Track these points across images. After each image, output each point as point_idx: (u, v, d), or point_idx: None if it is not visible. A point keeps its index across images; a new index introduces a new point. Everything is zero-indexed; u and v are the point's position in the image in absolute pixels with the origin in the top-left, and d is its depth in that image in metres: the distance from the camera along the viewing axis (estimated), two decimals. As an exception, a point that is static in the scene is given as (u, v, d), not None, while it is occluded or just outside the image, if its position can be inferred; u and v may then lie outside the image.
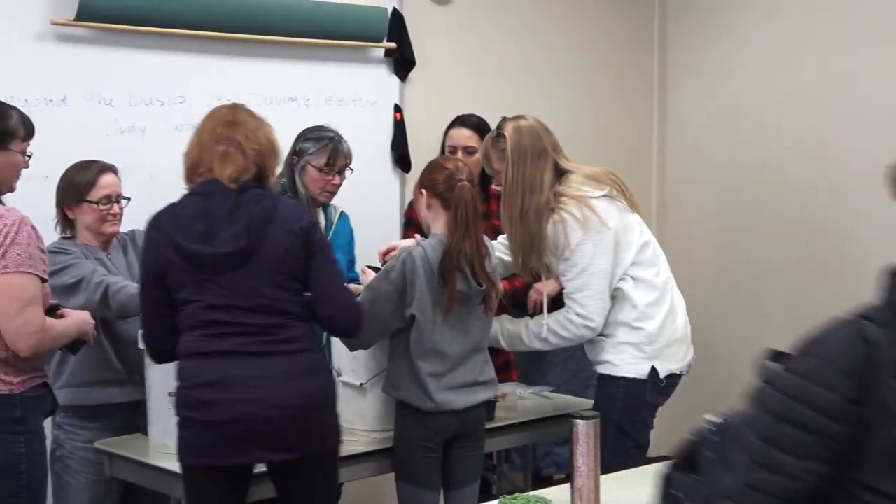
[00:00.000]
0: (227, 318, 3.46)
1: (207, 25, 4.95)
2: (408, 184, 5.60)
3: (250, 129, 3.58)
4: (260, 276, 3.47)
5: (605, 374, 4.24)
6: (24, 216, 3.47)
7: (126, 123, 4.81)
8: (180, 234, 3.47)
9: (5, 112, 3.61)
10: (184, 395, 3.51)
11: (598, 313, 4.16)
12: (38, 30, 4.58)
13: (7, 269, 3.38)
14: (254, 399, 3.44)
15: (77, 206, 4.18)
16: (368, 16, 5.47)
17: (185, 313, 3.51)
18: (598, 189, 4.18)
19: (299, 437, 3.51)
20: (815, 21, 6.13)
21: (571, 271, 4.14)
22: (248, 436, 3.45)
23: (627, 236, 4.20)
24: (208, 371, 3.46)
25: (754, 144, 6.43)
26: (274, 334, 3.49)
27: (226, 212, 3.48)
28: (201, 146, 3.57)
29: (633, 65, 6.80)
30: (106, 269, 4.19)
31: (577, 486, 3.04)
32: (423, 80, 5.78)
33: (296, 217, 3.57)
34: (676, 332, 4.25)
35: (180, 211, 3.53)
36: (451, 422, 3.98)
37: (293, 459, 3.52)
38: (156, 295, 3.54)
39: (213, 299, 3.46)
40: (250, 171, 3.53)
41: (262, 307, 3.48)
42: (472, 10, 6.04)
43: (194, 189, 3.56)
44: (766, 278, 6.39)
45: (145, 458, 3.94)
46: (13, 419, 3.44)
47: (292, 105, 5.23)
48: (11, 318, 3.39)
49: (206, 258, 3.45)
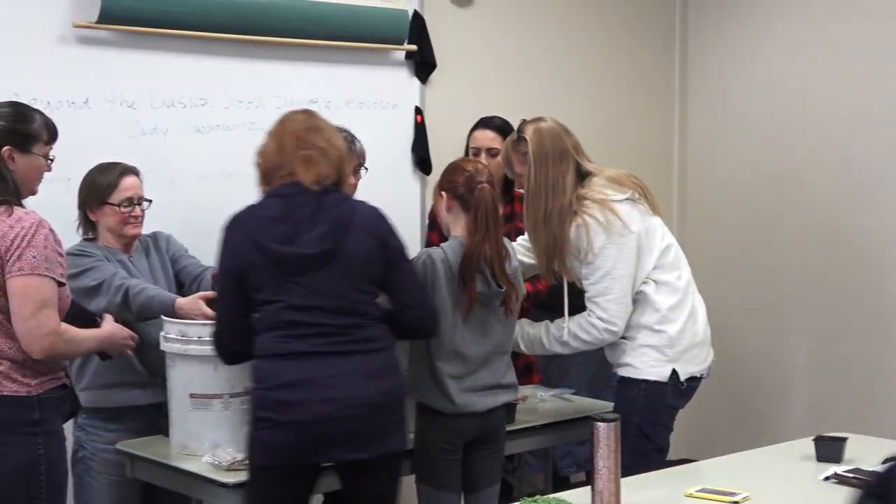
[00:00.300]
0: (308, 319, 3.50)
1: (229, 28, 4.96)
2: (428, 186, 5.60)
3: (330, 135, 3.67)
4: (341, 277, 3.53)
5: (626, 376, 4.23)
6: (42, 219, 3.49)
7: (148, 126, 4.82)
8: (262, 235, 3.51)
9: (29, 115, 3.62)
10: (262, 395, 3.52)
11: (620, 317, 4.15)
12: (60, 32, 4.59)
13: (22, 272, 3.39)
14: (332, 398, 3.48)
15: (99, 209, 4.20)
16: (389, 18, 5.47)
17: (264, 314, 3.54)
18: (620, 192, 4.17)
19: (375, 435, 3.55)
20: (840, 23, 6.11)
21: (594, 275, 4.14)
22: (326, 435, 3.48)
23: (649, 240, 4.19)
24: (288, 372, 3.49)
25: (776, 148, 6.40)
26: (351, 334, 3.54)
27: (308, 214, 3.54)
28: (282, 150, 3.62)
29: (655, 67, 6.79)
30: (127, 271, 4.20)
31: (597, 488, 3.04)
32: (444, 82, 5.77)
33: (375, 222, 3.65)
34: (697, 335, 4.24)
35: (261, 212, 3.58)
36: (472, 424, 3.98)
37: (368, 459, 3.54)
38: (234, 295, 3.57)
39: (294, 300, 3.50)
40: (332, 177, 3.61)
41: (341, 308, 3.53)
42: (493, 12, 6.03)
43: (274, 191, 3.60)
44: (786, 282, 6.36)
45: (166, 460, 3.95)
46: (31, 420, 3.46)
47: (313, 107, 5.20)
48: (25, 319, 3.41)
49: (290, 258, 3.50)
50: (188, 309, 4.04)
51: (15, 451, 3.43)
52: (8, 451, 3.42)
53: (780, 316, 6.38)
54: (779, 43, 6.42)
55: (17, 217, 3.45)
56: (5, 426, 3.43)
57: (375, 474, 3.62)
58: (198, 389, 3.92)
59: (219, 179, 5.00)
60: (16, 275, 3.39)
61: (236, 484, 3.66)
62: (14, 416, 3.44)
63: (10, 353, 3.45)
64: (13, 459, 3.43)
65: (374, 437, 3.55)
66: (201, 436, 3.91)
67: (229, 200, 4.92)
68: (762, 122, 6.48)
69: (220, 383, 3.91)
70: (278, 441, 3.48)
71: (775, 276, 6.41)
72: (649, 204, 4.25)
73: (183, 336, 3.94)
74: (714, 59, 6.74)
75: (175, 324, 3.98)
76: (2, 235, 3.41)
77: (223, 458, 3.77)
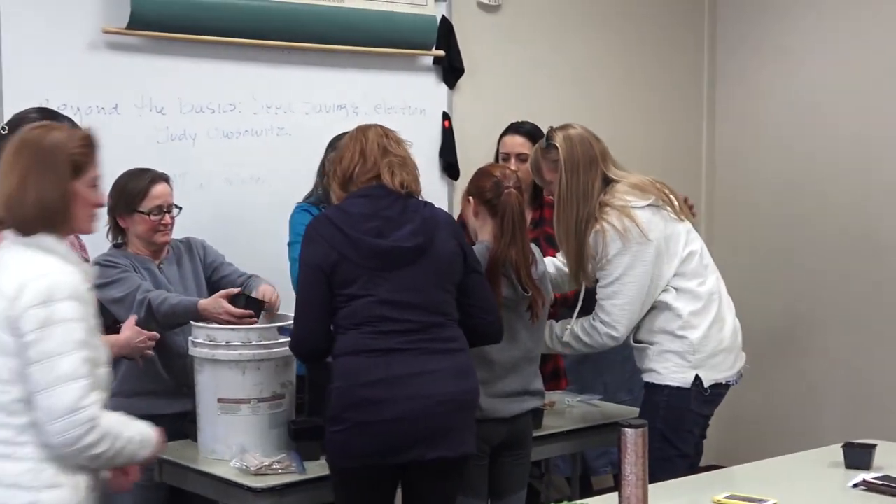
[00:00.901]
0: (396, 315, 3.53)
1: (257, 34, 4.98)
2: (456, 191, 5.60)
3: (406, 148, 3.77)
4: (429, 275, 3.59)
5: (650, 382, 4.23)
6: None
7: (177, 131, 4.84)
8: (355, 229, 3.56)
9: (57, 121, 3.63)
10: (347, 393, 3.52)
11: (623, 323, 4.15)
12: (90, 38, 4.62)
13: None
14: (419, 395, 3.51)
15: (129, 216, 4.20)
16: (417, 24, 5.48)
17: (349, 310, 3.56)
18: (642, 199, 4.16)
19: (455, 435, 3.58)
20: (869, 24, 6.09)
21: (605, 279, 4.15)
22: (412, 433, 3.50)
23: (670, 247, 4.18)
24: (375, 369, 3.51)
25: (805, 150, 6.39)
26: (435, 333, 3.58)
27: (396, 213, 3.62)
28: (365, 156, 3.68)
29: (683, 70, 6.78)
30: (155, 279, 4.21)
31: (625, 494, 3.03)
32: (472, 87, 5.78)
33: (456, 226, 3.77)
34: (723, 341, 4.22)
35: (349, 209, 3.63)
36: (499, 430, 3.97)
37: (447, 457, 3.56)
38: (319, 291, 3.58)
39: (384, 294, 3.52)
40: (412, 186, 3.70)
41: (427, 305, 3.58)
42: (521, 18, 6.03)
43: (358, 192, 3.66)
44: (815, 289, 6.34)
45: (194, 464, 3.95)
46: None
47: (341, 113, 5.25)
48: None
49: (385, 251, 3.55)
50: (211, 309, 4.04)
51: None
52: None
53: (808, 322, 6.35)
54: (807, 51, 6.40)
55: None
56: None
57: (448, 475, 3.64)
58: (226, 394, 3.93)
59: (247, 184, 5.03)
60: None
61: (264, 488, 3.67)
62: None
63: None
64: None
65: (454, 436, 3.58)
66: (229, 440, 3.92)
67: (257, 205, 4.99)
68: (790, 130, 6.46)
69: (248, 388, 3.92)
70: (364, 440, 3.49)
71: (804, 283, 6.39)
72: (674, 210, 4.23)
73: (211, 341, 3.94)
74: (742, 66, 6.72)
75: (203, 328, 3.99)
76: None
77: (251, 462, 3.78)
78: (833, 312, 6.26)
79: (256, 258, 4.64)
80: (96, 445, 2.81)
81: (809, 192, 6.36)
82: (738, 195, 6.74)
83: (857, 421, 5.91)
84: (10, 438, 2.80)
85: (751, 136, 6.68)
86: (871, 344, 6.09)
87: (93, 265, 4.08)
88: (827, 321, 6.28)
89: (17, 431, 2.80)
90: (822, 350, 6.30)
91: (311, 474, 3.76)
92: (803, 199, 6.40)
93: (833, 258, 6.27)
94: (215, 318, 4.03)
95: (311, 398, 4.10)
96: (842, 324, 6.24)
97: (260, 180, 5.04)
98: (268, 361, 3.93)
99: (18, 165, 2.86)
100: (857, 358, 6.16)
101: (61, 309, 2.78)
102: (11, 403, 2.79)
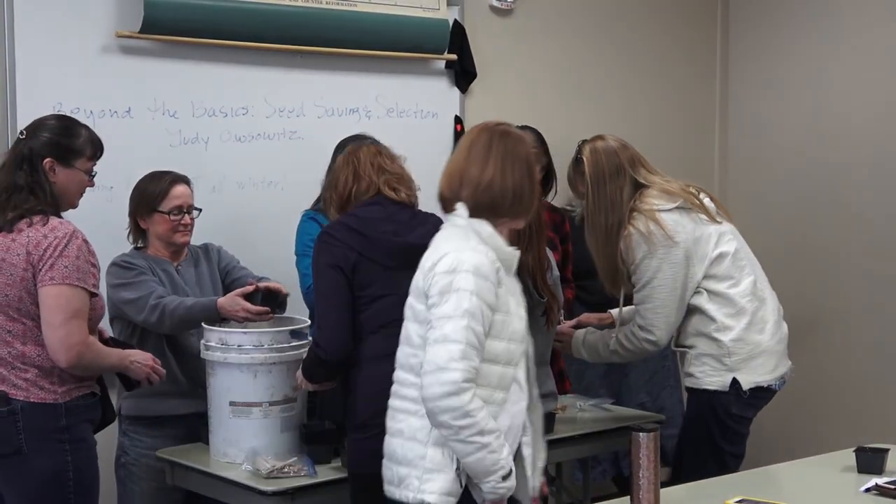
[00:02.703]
0: None
1: (269, 38, 4.98)
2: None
3: (401, 163, 3.84)
4: None
5: (689, 386, 4.24)
6: (76, 230, 3.52)
7: (189, 135, 4.85)
8: (371, 230, 3.60)
9: (74, 130, 3.65)
10: (374, 401, 3.41)
11: (659, 327, 4.14)
12: (103, 42, 4.63)
13: (54, 281, 3.43)
14: None
15: (149, 217, 4.24)
16: (429, 27, 5.48)
17: (372, 312, 3.58)
18: (669, 201, 4.16)
19: None
20: (883, 27, 6.08)
21: (637, 284, 4.16)
22: None
23: (699, 249, 4.17)
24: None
25: (818, 155, 6.37)
26: None
27: (407, 218, 3.68)
28: (359, 177, 3.73)
29: (695, 75, 6.77)
30: (172, 281, 4.24)
31: (637, 498, 3.03)
32: (484, 91, 5.78)
33: None
34: (760, 343, 4.19)
35: (363, 214, 3.66)
36: None
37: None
38: (342, 291, 3.58)
39: (405, 293, 3.44)
40: (413, 199, 3.78)
41: None
42: (534, 22, 6.03)
43: (368, 202, 3.70)
44: (828, 290, 6.33)
45: (206, 467, 3.96)
46: (58, 427, 3.50)
47: (353, 117, 5.25)
48: (55, 328, 3.44)
49: (405, 248, 3.56)
50: (228, 307, 4.08)
51: (43, 457, 3.47)
52: (36, 458, 3.47)
53: (822, 326, 6.34)
54: (820, 55, 6.39)
55: (51, 227, 3.48)
56: (33, 433, 3.47)
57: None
58: (237, 397, 3.94)
59: (259, 188, 5.03)
60: (48, 284, 3.43)
61: (275, 492, 3.68)
62: (41, 422, 3.48)
63: (38, 360, 3.49)
64: (41, 465, 3.47)
65: None
66: (241, 444, 3.93)
67: (270, 209, 5.00)
68: (803, 135, 6.44)
69: (260, 391, 3.93)
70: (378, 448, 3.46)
71: (818, 287, 6.37)
72: (706, 212, 4.23)
73: (223, 344, 3.96)
74: (755, 70, 6.71)
75: (215, 332, 4.00)
76: (35, 244, 3.45)
77: (262, 465, 3.78)
78: (847, 316, 6.24)
79: (268, 262, 4.65)
80: (452, 411, 2.95)
81: (823, 196, 6.35)
82: (750, 200, 6.71)
83: (873, 425, 5.89)
84: (418, 398, 3.04)
85: (763, 140, 6.67)
86: (886, 347, 6.08)
87: (109, 266, 4.12)
88: (841, 324, 6.27)
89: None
90: (836, 354, 6.29)
91: (323, 477, 3.77)
92: (817, 204, 6.38)
93: (847, 262, 6.25)
94: (233, 315, 4.07)
95: (322, 401, 4.10)
96: (856, 328, 6.22)
97: (272, 184, 5.05)
98: (279, 365, 3.95)
99: (494, 154, 3.16)
100: (873, 361, 6.15)
101: (461, 279, 3.01)
102: (420, 366, 3.03)
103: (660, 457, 3.14)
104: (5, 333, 3.49)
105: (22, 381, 3.48)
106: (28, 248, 3.45)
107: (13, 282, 3.46)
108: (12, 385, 3.48)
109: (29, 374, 3.48)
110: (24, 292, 3.47)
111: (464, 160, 3.18)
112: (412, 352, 3.11)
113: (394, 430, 3.15)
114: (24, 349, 3.48)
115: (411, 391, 3.10)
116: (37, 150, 3.56)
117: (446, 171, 3.23)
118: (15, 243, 3.47)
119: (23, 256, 3.45)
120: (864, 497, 3.44)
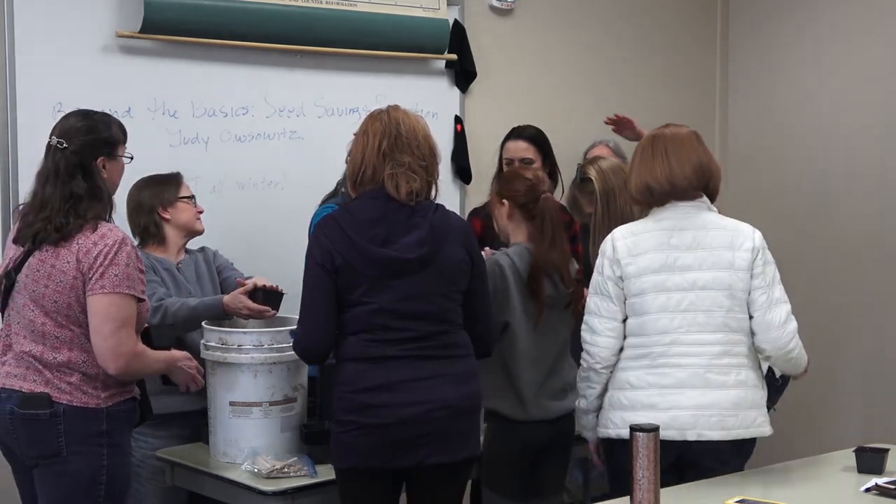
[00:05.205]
0: (396, 324, 3.51)
1: (270, 38, 4.98)
2: (468, 195, 5.61)
3: (414, 144, 3.64)
4: (434, 284, 3.56)
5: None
6: (125, 236, 3.53)
7: (189, 134, 4.85)
8: (360, 236, 3.52)
9: (105, 121, 3.65)
10: (348, 398, 3.53)
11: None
12: (103, 42, 4.63)
13: (104, 290, 3.43)
14: (419, 401, 3.50)
15: (172, 206, 4.31)
16: (430, 27, 5.48)
17: (352, 315, 3.55)
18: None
19: (457, 439, 3.58)
20: (884, 28, 6.08)
21: None
22: (410, 438, 3.51)
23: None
24: (375, 375, 3.51)
25: (818, 156, 6.37)
26: (438, 340, 3.57)
27: (405, 217, 3.57)
28: (365, 160, 3.62)
29: (695, 75, 6.77)
30: (174, 280, 4.28)
31: (636, 498, 3.02)
32: (484, 91, 5.78)
33: (467, 232, 3.72)
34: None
35: (357, 213, 3.58)
36: (543, 432, 4.02)
37: (448, 462, 3.57)
38: (326, 289, 3.54)
39: (385, 303, 3.50)
40: (423, 192, 3.63)
41: (430, 314, 3.56)
42: (534, 22, 6.03)
43: (368, 193, 3.61)
44: (828, 290, 6.33)
45: (206, 468, 3.97)
46: (98, 432, 3.50)
47: (354, 116, 5.24)
48: (105, 337, 3.44)
49: (388, 261, 3.51)
50: (232, 305, 4.13)
51: (80, 459, 3.48)
52: (74, 459, 3.48)
53: (824, 327, 6.32)
54: (820, 55, 6.39)
55: (100, 234, 3.47)
56: (73, 435, 3.48)
57: (450, 479, 3.65)
58: (238, 397, 3.94)
59: (259, 188, 5.03)
60: (98, 293, 3.43)
61: (275, 492, 3.68)
62: (82, 426, 3.49)
63: (83, 366, 3.49)
64: (78, 467, 3.48)
65: (456, 440, 3.58)
66: (241, 444, 3.93)
67: (270, 209, 5.00)
68: (803, 135, 6.45)
69: (260, 391, 3.93)
70: (363, 444, 3.50)
71: (817, 288, 6.37)
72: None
73: (223, 344, 3.96)
74: (755, 70, 6.71)
75: (215, 332, 4.00)
76: (86, 252, 3.45)
77: (263, 465, 3.78)
78: (849, 316, 6.24)
79: (269, 262, 4.66)
80: (796, 350, 3.79)
81: (822, 196, 6.34)
82: (750, 200, 6.70)
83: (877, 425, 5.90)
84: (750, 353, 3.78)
85: (763, 140, 6.67)
86: (887, 347, 6.07)
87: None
88: (843, 325, 6.26)
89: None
90: (839, 354, 6.28)
91: (323, 477, 3.77)
92: (816, 204, 6.38)
93: (847, 262, 6.25)
94: (237, 313, 4.13)
95: (322, 401, 4.10)
96: (856, 328, 6.22)
97: (272, 184, 5.05)
98: (279, 365, 3.95)
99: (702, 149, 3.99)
100: (875, 362, 6.15)
101: (768, 253, 3.84)
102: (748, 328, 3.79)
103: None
104: (53, 339, 3.49)
105: (66, 385, 3.48)
106: (78, 256, 3.44)
107: (63, 289, 3.46)
108: (56, 388, 3.47)
109: (73, 379, 3.48)
110: (73, 299, 3.46)
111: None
112: (743, 317, 3.76)
113: (732, 383, 3.70)
114: (70, 355, 3.49)
115: (743, 349, 3.75)
116: (86, 155, 3.55)
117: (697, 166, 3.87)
118: (65, 250, 3.46)
119: (73, 264, 3.45)
120: (864, 497, 3.44)
